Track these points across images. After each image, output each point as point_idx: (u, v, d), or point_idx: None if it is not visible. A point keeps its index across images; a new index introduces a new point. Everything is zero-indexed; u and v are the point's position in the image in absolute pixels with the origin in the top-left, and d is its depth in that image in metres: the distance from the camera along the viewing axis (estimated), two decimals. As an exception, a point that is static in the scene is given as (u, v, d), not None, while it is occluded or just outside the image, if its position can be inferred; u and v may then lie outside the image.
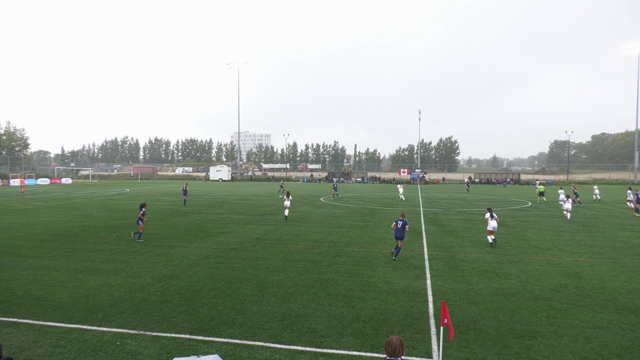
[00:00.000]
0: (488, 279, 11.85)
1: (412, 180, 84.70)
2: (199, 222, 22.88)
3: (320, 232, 19.63)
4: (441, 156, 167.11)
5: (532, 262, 13.91)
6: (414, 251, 15.59)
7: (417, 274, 12.31)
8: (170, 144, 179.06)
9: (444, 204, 34.99)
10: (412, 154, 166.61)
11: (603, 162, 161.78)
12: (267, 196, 43.23)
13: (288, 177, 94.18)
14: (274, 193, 48.45)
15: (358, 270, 12.68)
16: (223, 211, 28.52)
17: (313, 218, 25.02)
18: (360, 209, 30.70)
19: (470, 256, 14.79)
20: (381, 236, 18.75)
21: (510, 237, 18.78)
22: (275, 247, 16.22)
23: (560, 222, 23.66)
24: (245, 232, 19.60)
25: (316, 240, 17.56)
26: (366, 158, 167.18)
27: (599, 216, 26.60)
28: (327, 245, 16.63)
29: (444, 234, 19.54)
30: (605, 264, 13.77)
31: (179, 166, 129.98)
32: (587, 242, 17.59)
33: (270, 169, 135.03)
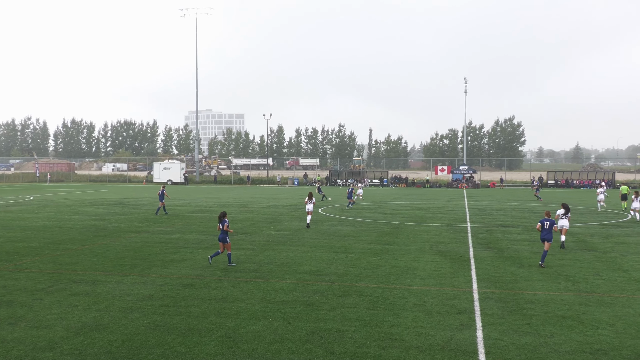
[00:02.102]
0: (568, 329, 11.85)
1: (454, 182, 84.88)
2: (137, 246, 22.85)
3: (318, 260, 19.63)
4: (498, 146, 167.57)
5: (632, 304, 13.91)
6: (458, 288, 15.60)
7: (463, 322, 12.31)
8: (94, 129, 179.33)
9: (502, 218, 35.06)
10: (454, 144, 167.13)
11: None
12: (239, 205, 43.27)
13: (271, 177, 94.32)
14: (250, 201, 48.48)
15: (375, 317, 12.67)
16: (173, 229, 28.52)
17: (308, 239, 25.04)
18: (377, 224, 30.75)
19: (542, 295, 14.79)
20: (409, 265, 18.77)
21: (600, 266, 18.81)
22: (251, 282, 16.17)
23: None
24: (207, 260, 19.53)
25: (312, 272, 17.54)
26: (387, 149, 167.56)
27: None
28: (329, 279, 16.61)
29: (502, 262, 19.57)
30: None
31: (108, 162, 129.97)
32: None
33: (244, 165, 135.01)
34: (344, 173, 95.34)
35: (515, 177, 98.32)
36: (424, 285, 15.88)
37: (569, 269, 18.22)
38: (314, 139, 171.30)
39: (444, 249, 22.20)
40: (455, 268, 18.35)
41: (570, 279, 16.74)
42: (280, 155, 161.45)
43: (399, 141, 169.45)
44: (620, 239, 25.32)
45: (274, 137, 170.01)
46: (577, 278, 16.82)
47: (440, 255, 20.72)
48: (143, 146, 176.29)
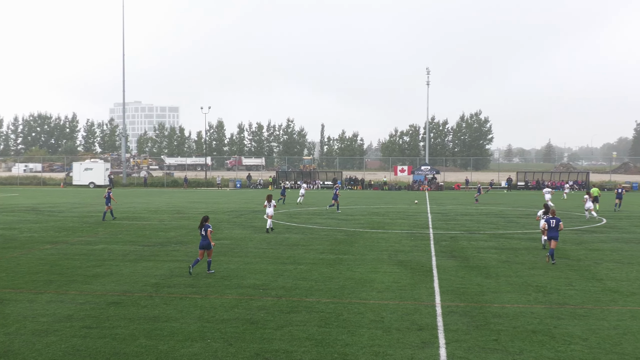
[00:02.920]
0: (538, 345, 12.15)
1: (415, 183, 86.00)
2: (53, 259, 22.36)
3: (263, 273, 19.59)
4: (464, 144, 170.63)
5: (607, 316, 14.36)
6: (419, 301, 15.79)
7: (425, 339, 12.48)
8: (2, 124, 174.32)
9: (467, 223, 35.70)
10: (415, 141, 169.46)
11: None
12: (173, 211, 42.81)
13: (210, 179, 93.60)
14: (186, 207, 48.00)
15: (327, 336, 12.72)
16: (96, 239, 28.03)
17: (251, 249, 24.97)
18: (330, 232, 30.90)
19: (511, 308, 15.12)
20: (365, 277, 18.90)
21: (573, 275, 19.36)
22: (187, 298, 16.04)
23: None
24: (135, 273, 19.30)
25: (257, 287, 17.49)
26: (341, 148, 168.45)
27: None
28: (276, 294, 16.58)
29: (467, 272, 19.93)
30: None
31: (19, 161, 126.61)
32: (693, 281, 18.36)
33: (178, 165, 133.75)
34: (293, 174, 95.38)
35: (482, 178, 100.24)
36: (381, 299, 16.01)
37: (540, 278, 18.69)
38: (259, 136, 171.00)
39: (404, 259, 22.47)
40: (417, 279, 18.57)
41: (541, 289, 17.18)
42: (220, 153, 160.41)
43: (355, 138, 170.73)
44: (594, 245, 26.12)
45: (213, 133, 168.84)
46: (549, 289, 17.27)
47: (400, 266, 20.95)
48: (60, 143, 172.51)
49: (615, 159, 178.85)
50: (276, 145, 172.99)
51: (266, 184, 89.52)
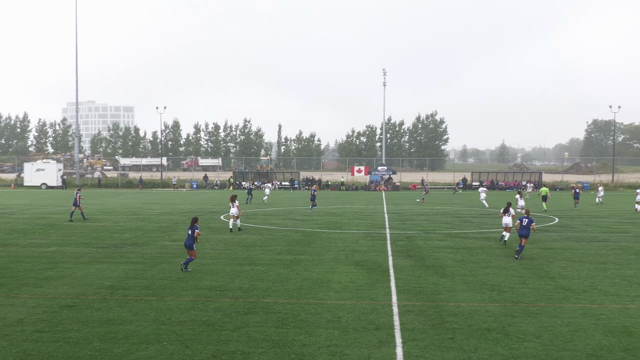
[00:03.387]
0: (493, 343, 12.34)
1: (372, 184, 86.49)
2: (3, 262, 21.89)
3: (220, 274, 19.51)
4: (420, 145, 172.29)
5: (559, 314, 14.69)
6: (376, 301, 15.90)
7: (382, 339, 12.57)
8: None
9: (423, 223, 36.04)
10: (372, 142, 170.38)
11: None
12: (128, 212, 42.26)
13: (166, 180, 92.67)
14: (141, 208, 47.41)
15: (284, 336, 12.73)
16: (49, 241, 27.50)
17: (208, 250, 24.84)
18: (287, 232, 30.89)
19: (466, 307, 15.33)
20: (322, 277, 18.97)
21: (527, 274, 19.72)
22: (142, 300, 15.89)
23: (602, 249, 25.21)
24: (89, 276, 19.04)
25: (213, 288, 17.42)
26: (298, 148, 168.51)
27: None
28: (232, 295, 16.55)
29: (423, 271, 20.13)
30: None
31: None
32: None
33: (133, 166, 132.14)
34: (250, 174, 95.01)
35: (438, 178, 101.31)
36: (339, 299, 16.08)
37: (495, 277, 19.00)
38: (216, 136, 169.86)
39: (360, 259, 22.58)
40: (373, 279, 18.69)
41: (496, 288, 17.46)
42: (176, 154, 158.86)
43: (312, 139, 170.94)
44: (546, 244, 26.64)
45: (169, 133, 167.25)
46: (503, 287, 17.56)
47: (357, 266, 21.05)
48: (11, 144, 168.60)
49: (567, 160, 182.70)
50: (233, 146, 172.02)
51: (223, 184, 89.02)
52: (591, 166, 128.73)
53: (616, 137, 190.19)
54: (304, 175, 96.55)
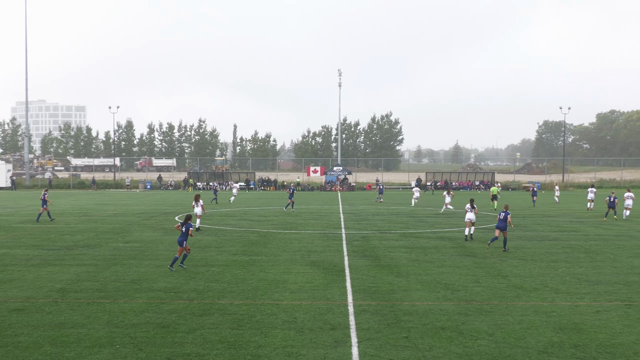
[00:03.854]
0: (447, 341, 12.48)
1: (328, 184, 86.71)
2: (-49, 264, 21.30)
3: (174, 275, 19.33)
4: (375, 145, 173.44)
5: (512, 311, 14.93)
6: (332, 301, 15.93)
7: (337, 339, 12.60)
8: None
9: (379, 223, 36.28)
10: (328, 142, 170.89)
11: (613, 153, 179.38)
12: (80, 214, 41.57)
13: (119, 181, 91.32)
14: (94, 209, 46.69)
15: (240, 338, 12.67)
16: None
17: (163, 251, 24.59)
18: (243, 233, 30.76)
19: (420, 305, 15.47)
20: (278, 277, 18.93)
21: (480, 272, 20.01)
22: (94, 303, 15.64)
23: (552, 247, 25.73)
24: (40, 279, 18.69)
25: (168, 290, 17.23)
26: (253, 148, 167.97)
27: (607, 237, 29.41)
28: (187, 296, 16.40)
29: (379, 271, 20.26)
30: (616, 308, 15.24)
31: None
32: (590, 276, 19.34)
33: (85, 166, 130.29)
34: (205, 175, 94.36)
35: (393, 178, 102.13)
36: (294, 299, 16.08)
37: (448, 276, 19.23)
38: (170, 136, 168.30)
39: (316, 259, 22.62)
40: (329, 279, 18.74)
41: (450, 287, 17.67)
42: (129, 154, 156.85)
43: (267, 139, 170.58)
44: (499, 243, 27.03)
45: (122, 133, 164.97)
46: (456, 286, 17.79)
47: (313, 266, 21.08)
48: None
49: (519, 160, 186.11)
50: (188, 146, 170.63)
51: (177, 185, 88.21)
52: (542, 166, 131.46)
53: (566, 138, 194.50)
54: (259, 175, 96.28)
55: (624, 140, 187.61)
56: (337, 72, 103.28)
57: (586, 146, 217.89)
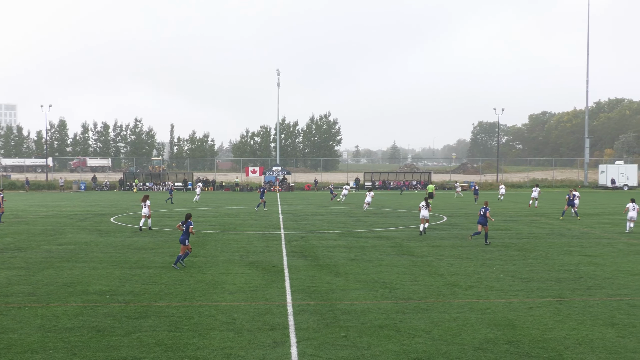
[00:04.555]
0: (385, 339, 12.62)
1: (267, 184, 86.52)
2: None
3: (110, 278, 18.99)
4: (314, 145, 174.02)
5: (448, 309, 15.19)
6: (271, 301, 15.91)
7: (276, 339, 12.59)
8: None
9: (317, 223, 36.40)
10: (267, 142, 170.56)
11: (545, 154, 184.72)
12: (11, 215, 40.36)
13: (52, 181, 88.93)
14: (25, 210, 45.34)
15: (177, 340, 12.53)
16: None
17: (97, 253, 24.11)
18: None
19: (359, 305, 15.59)
20: (217, 278, 18.80)
21: (417, 271, 20.30)
22: (26, 307, 15.24)
23: (487, 245, 26.30)
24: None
25: (103, 293, 16.92)
26: (191, 148, 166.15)
27: (539, 235, 30.26)
28: (123, 299, 16.15)
29: (317, 270, 20.32)
30: (548, 305, 15.70)
31: None
32: (523, 274, 19.86)
33: (16, 166, 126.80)
34: (142, 175, 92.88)
35: (332, 178, 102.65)
36: (233, 300, 16.00)
37: (386, 275, 19.45)
38: (105, 136, 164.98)
39: (255, 259, 22.55)
40: (268, 280, 18.71)
41: (387, 286, 17.88)
42: (62, 154, 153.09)
43: (205, 139, 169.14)
44: (436, 242, 27.53)
45: (55, 133, 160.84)
46: (394, 285, 18.01)
47: (252, 266, 21.01)
48: None
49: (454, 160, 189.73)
50: (123, 146, 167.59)
51: (113, 186, 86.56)
52: (477, 166, 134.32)
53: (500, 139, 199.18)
54: (197, 175, 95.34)
55: (555, 141, 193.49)
56: (276, 73, 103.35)
57: (519, 146, 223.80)
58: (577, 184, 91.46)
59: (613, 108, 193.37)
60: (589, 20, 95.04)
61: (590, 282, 18.54)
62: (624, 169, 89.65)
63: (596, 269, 20.74)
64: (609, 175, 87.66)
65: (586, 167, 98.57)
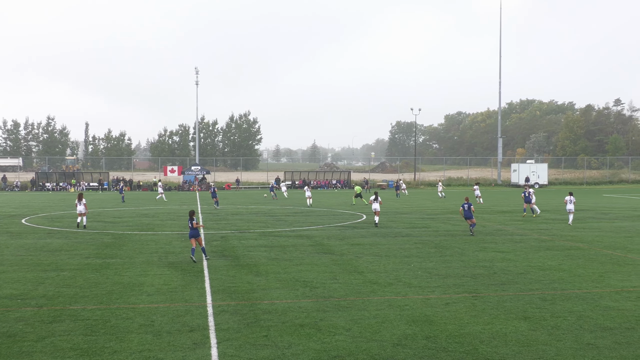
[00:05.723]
0: (306, 338, 12.67)
1: (186, 184, 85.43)
2: None
3: (21, 281, 18.36)
4: (234, 144, 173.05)
5: (367, 306, 15.39)
6: (191, 302, 15.73)
7: (196, 340, 12.46)
8: None
9: (238, 223, 36.22)
10: (186, 142, 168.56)
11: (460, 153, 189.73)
12: None
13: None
14: None
15: (94, 344, 12.22)
16: None
17: (8, 256, 23.25)
18: (96, 235, 29.68)
19: (280, 304, 15.60)
20: (134, 280, 18.42)
21: (337, 269, 20.47)
22: None
23: (406, 243, 26.82)
24: None
25: (14, 297, 16.33)
26: (107, 147, 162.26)
27: (455, 232, 31.07)
28: (36, 303, 15.63)
29: (238, 270, 20.21)
30: (463, 300, 16.14)
31: None
32: (440, 270, 20.33)
33: None
34: (55, 175, 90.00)
35: (252, 177, 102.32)
36: (151, 302, 15.74)
37: (307, 274, 19.54)
38: (16, 134, 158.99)
39: (174, 260, 22.24)
40: (188, 280, 18.49)
41: (308, 284, 17.97)
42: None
43: (122, 138, 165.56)
44: (355, 240, 27.85)
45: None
46: (315, 283, 18.11)
47: (171, 267, 20.71)
48: None
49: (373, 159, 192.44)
50: (35, 145, 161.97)
51: (24, 186, 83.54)
52: (395, 165, 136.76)
53: (417, 138, 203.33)
54: (113, 175, 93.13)
55: (470, 141, 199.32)
56: (194, 70, 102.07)
57: (436, 146, 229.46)
58: (491, 182, 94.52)
59: (524, 109, 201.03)
60: (501, 21, 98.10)
61: (504, 277, 19.16)
62: (535, 167, 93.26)
63: (509, 264, 21.47)
64: (522, 173, 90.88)
65: (499, 166, 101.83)
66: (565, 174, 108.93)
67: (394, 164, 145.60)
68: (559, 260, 22.48)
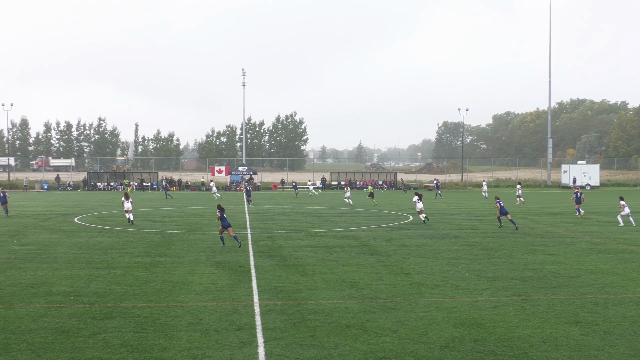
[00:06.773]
0: (352, 339, 12.65)
1: (233, 184, 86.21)
2: None
3: (74, 279, 18.71)
4: (280, 145, 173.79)
5: (415, 308, 15.28)
6: (238, 301, 15.84)
7: (244, 339, 12.54)
8: None
9: (284, 223, 36.38)
10: (233, 142, 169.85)
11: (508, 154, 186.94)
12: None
13: (15, 181, 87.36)
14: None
15: (144, 341, 12.40)
16: None
17: (61, 254, 23.77)
18: (146, 234, 30.16)
19: (326, 304, 15.60)
20: (183, 279, 18.65)
21: (383, 270, 20.39)
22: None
23: (453, 245, 26.58)
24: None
25: (67, 294, 16.66)
26: (156, 148, 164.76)
27: (503, 234, 30.63)
28: (88, 300, 15.92)
29: (284, 270, 20.29)
30: (512, 303, 15.89)
31: None
32: (488, 273, 20.07)
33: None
34: (106, 175, 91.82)
35: (298, 178, 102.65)
36: (200, 301, 15.91)
37: (353, 274, 19.51)
38: (68, 135, 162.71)
39: (222, 259, 22.46)
40: (235, 280, 18.64)
41: (354, 285, 17.93)
42: (25, 154, 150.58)
43: (171, 138, 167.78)
44: (402, 241, 27.70)
45: (17, 132, 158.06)
46: (361, 284, 18.07)
47: (218, 267, 20.92)
48: None
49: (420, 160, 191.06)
50: (87, 145, 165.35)
51: (76, 185, 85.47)
52: (442, 166, 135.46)
53: (465, 139, 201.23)
54: (162, 175, 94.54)
55: (519, 141, 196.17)
56: (241, 72, 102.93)
57: (483, 146, 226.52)
58: (541, 183, 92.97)
59: (575, 108, 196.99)
60: (551, 20, 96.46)
61: (554, 280, 18.82)
62: (586, 168, 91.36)
63: (560, 267, 21.08)
64: (572, 175, 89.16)
65: (549, 167, 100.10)
66: (618, 175, 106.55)
67: (440, 164, 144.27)
68: (612, 263, 21.98)
